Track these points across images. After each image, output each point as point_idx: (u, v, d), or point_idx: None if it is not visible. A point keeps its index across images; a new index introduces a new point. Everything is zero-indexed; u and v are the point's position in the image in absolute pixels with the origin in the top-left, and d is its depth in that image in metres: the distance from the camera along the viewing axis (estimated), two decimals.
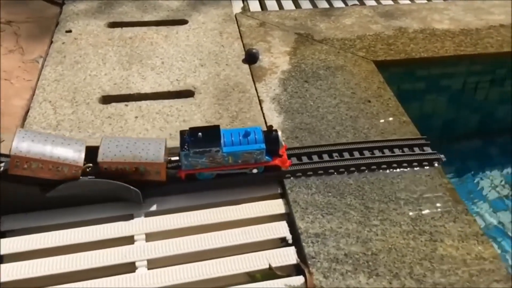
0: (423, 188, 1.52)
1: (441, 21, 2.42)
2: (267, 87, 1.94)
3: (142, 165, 1.39)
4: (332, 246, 1.34)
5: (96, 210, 1.45)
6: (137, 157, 1.39)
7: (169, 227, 1.42)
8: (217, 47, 2.18)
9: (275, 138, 1.48)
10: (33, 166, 1.31)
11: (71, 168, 1.35)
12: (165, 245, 1.36)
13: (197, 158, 1.42)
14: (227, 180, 1.52)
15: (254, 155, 1.46)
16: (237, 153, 1.44)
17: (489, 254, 1.32)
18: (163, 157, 1.40)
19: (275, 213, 1.48)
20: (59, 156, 1.33)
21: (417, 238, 1.36)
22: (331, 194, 1.49)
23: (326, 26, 2.37)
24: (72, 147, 1.37)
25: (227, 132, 1.46)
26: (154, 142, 1.44)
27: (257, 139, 1.45)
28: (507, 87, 2.32)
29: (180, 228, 1.42)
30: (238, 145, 1.44)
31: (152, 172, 1.41)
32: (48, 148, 1.33)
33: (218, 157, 1.43)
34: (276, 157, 1.49)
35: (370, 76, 2.03)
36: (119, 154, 1.38)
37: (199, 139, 1.40)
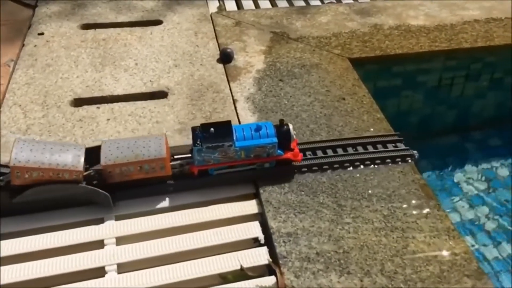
0: (395, 185, 1.52)
1: (416, 17, 2.43)
2: (242, 87, 1.93)
3: (146, 163, 1.40)
4: (304, 245, 1.33)
5: (66, 214, 1.42)
6: (140, 156, 1.39)
7: (140, 230, 1.40)
8: (191, 47, 2.16)
9: (287, 131, 1.48)
10: (34, 175, 1.32)
11: (71, 174, 1.35)
12: (136, 248, 1.34)
13: (210, 153, 1.43)
14: (200, 181, 1.51)
15: (266, 149, 1.47)
16: (249, 148, 1.45)
17: (460, 249, 1.32)
18: (165, 152, 1.40)
19: (248, 213, 1.47)
20: (58, 163, 1.33)
21: (389, 234, 1.36)
22: (304, 192, 1.49)
23: (302, 24, 2.37)
24: (71, 152, 1.36)
25: (238, 127, 1.47)
26: (154, 139, 1.44)
27: (268, 133, 1.46)
28: (482, 82, 2.33)
29: (152, 231, 1.40)
30: (250, 140, 1.45)
31: (157, 168, 1.42)
32: (47, 156, 1.33)
33: (231, 152, 1.44)
34: (287, 151, 1.50)
35: (345, 74, 2.03)
36: (121, 156, 1.38)
37: (212, 134, 1.41)
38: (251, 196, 1.52)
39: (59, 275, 1.28)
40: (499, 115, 2.46)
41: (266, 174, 1.52)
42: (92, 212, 1.43)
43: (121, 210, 1.44)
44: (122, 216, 1.43)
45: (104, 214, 1.43)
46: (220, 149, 1.43)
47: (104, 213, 1.43)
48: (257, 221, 1.44)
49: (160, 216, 1.44)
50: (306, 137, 1.69)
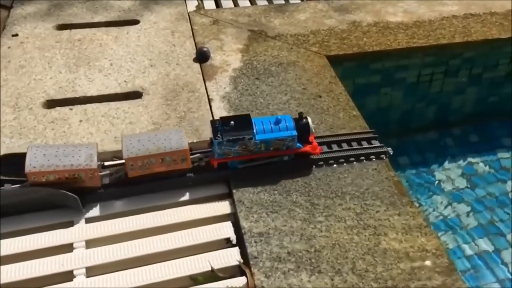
0: (369, 182, 1.51)
1: (394, 13, 2.42)
2: (218, 86, 1.92)
3: (167, 155, 1.41)
4: (275, 244, 1.32)
5: (35, 218, 1.40)
6: (161, 148, 1.40)
7: (111, 232, 1.38)
8: (168, 46, 2.14)
9: (306, 125, 1.49)
10: (51, 178, 1.34)
11: (87, 173, 1.36)
12: (106, 251, 1.33)
13: (230, 146, 1.43)
14: (172, 181, 1.49)
15: (285, 142, 1.47)
16: (269, 141, 1.46)
17: (432, 246, 1.31)
18: (187, 144, 1.42)
19: (221, 213, 1.45)
20: (72, 164, 1.35)
21: (361, 233, 1.35)
22: (277, 192, 1.47)
23: (280, 22, 2.35)
24: (83, 152, 1.38)
25: (257, 120, 1.48)
26: (174, 131, 1.46)
27: (288, 126, 1.47)
28: (461, 77, 2.33)
29: (123, 233, 1.38)
30: (270, 133, 1.46)
31: (178, 160, 1.43)
32: (61, 159, 1.35)
33: (251, 144, 1.45)
34: (306, 144, 1.50)
35: (322, 71, 2.02)
36: (143, 149, 1.39)
37: (232, 127, 1.42)
38: (224, 196, 1.51)
39: (27, 280, 1.26)
40: (479, 111, 2.46)
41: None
42: (61, 216, 1.41)
43: (92, 212, 1.42)
44: (92, 219, 1.42)
45: (74, 217, 1.41)
46: (240, 142, 1.44)
47: (74, 216, 1.41)
48: (230, 221, 1.43)
49: (131, 218, 1.42)
50: None
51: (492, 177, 2.19)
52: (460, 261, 1.88)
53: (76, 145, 1.44)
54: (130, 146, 1.40)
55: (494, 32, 2.24)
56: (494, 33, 2.24)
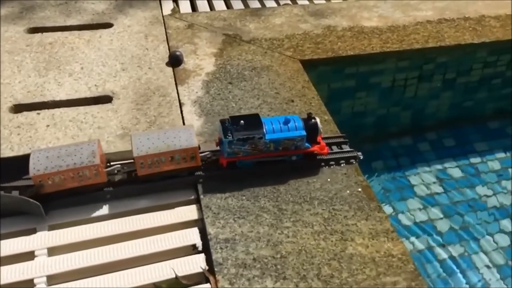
0: (338, 187, 1.50)
1: (370, 18, 2.43)
2: (189, 90, 1.90)
3: (177, 153, 1.41)
4: (241, 251, 1.30)
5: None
6: (171, 146, 1.41)
7: (74, 239, 1.35)
8: (141, 50, 2.12)
9: (314, 125, 1.50)
10: (56, 179, 1.35)
11: (91, 170, 1.37)
12: (68, 259, 1.30)
13: (240, 145, 1.44)
14: (140, 187, 1.47)
15: (294, 142, 1.48)
16: (279, 140, 1.47)
17: (398, 251, 1.31)
18: (196, 141, 1.43)
19: (188, 219, 1.43)
20: (75, 162, 1.36)
21: (328, 238, 1.34)
22: (245, 197, 1.46)
23: (255, 26, 2.35)
24: (85, 150, 1.38)
25: (266, 120, 1.49)
26: (183, 130, 1.47)
27: (297, 126, 1.48)
28: (435, 82, 2.34)
29: (87, 240, 1.36)
30: (279, 132, 1.47)
31: (187, 158, 1.43)
32: (63, 159, 1.36)
33: (260, 144, 1.46)
34: (314, 144, 1.52)
35: (296, 76, 2.01)
36: (153, 146, 1.40)
37: (242, 126, 1.44)
38: (192, 202, 1.49)
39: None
40: (453, 116, 2.47)
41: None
42: (24, 223, 1.38)
43: (55, 219, 1.40)
44: (55, 226, 1.39)
45: (37, 224, 1.38)
46: (250, 141, 1.44)
47: (37, 223, 1.38)
48: (197, 227, 1.41)
49: (97, 225, 1.40)
50: None
51: (466, 182, 2.20)
52: (432, 265, 1.88)
53: (77, 143, 1.44)
54: (140, 144, 1.41)
55: (467, 37, 2.26)
56: (467, 38, 2.25)
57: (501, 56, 2.32)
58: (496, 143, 2.36)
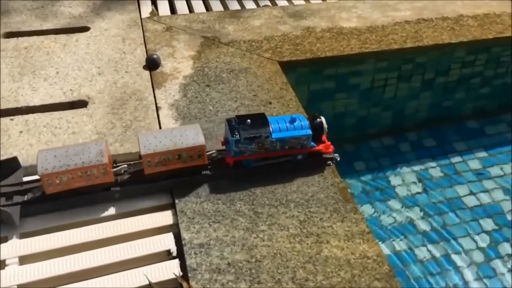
0: (315, 189, 1.49)
1: (348, 19, 2.43)
2: (167, 94, 1.88)
3: (184, 151, 1.42)
4: (215, 256, 1.29)
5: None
6: (178, 144, 1.41)
7: (47, 247, 1.33)
8: (118, 54, 2.10)
9: (319, 124, 1.52)
10: (64, 179, 1.35)
11: (99, 169, 1.37)
12: (40, 267, 1.27)
13: (247, 144, 1.45)
14: (114, 192, 1.46)
15: (300, 141, 1.50)
16: (285, 139, 1.48)
17: (373, 252, 1.30)
18: (203, 139, 1.43)
19: (163, 224, 1.42)
20: (83, 161, 1.36)
21: (304, 241, 1.33)
22: (220, 201, 1.45)
23: (234, 28, 2.34)
24: (93, 149, 1.39)
25: (272, 119, 1.50)
26: (190, 128, 1.48)
27: (302, 125, 1.49)
28: (414, 83, 2.35)
29: (60, 248, 1.34)
30: (286, 131, 1.48)
31: (194, 156, 1.43)
32: (71, 158, 1.36)
33: (267, 143, 1.46)
34: (319, 143, 1.53)
35: (274, 78, 2.01)
36: (160, 145, 1.40)
37: (249, 125, 1.45)
38: (168, 207, 1.47)
39: None
40: (433, 116, 2.48)
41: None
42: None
43: (28, 227, 1.37)
44: (28, 234, 1.36)
45: (8, 233, 1.35)
46: (257, 140, 1.45)
47: (8, 232, 1.36)
48: (171, 232, 1.39)
49: (70, 232, 1.37)
50: None
51: (446, 182, 2.20)
52: (413, 265, 1.88)
53: (85, 143, 1.46)
54: (147, 142, 1.41)
55: (445, 37, 2.27)
56: (445, 38, 2.26)
57: (479, 55, 2.33)
58: (475, 143, 2.37)
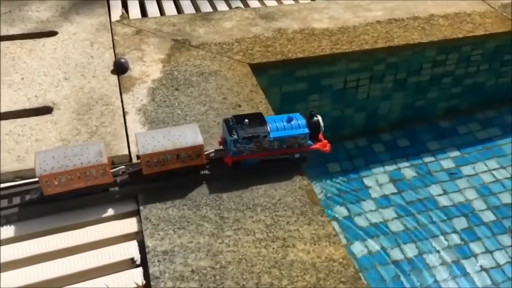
0: (282, 192, 1.47)
1: (320, 20, 2.42)
2: (134, 98, 1.85)
3: (183, 151, 1.41)
4: (179, 263, 1.26)
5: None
6: (177, 144, 1.40)
7: (7, 258, 1.29)
8: (85, 58, 2.06)
9: (316, 123, 1.53)
10: (63, 180, 1.34)
11: (98, 169, 1.36)
12: (3, 278, 1.24)
13: (245, 144, 1.44)
14: (80, 200, 1.42)
15: (298, 140, 1.50)
16: (283, 138, 1.48)
17: (339, 255, 1.29)
18: (202, 139, 1.42)
19: (127, 232, 1.39)
20: (82, 162, 1.34)
21: (270, 245, 1.31)
22: (186, 206, 1.42)
23: (205, 30, 2.31)
24: (92, 150, 1.37)
25: (269, 118, 1.50)
26: (188, 128, 1.47)
27: (300, 124, 1.49)
28: (386, 83, 2.34)
29: (21, 259, 1.30)
30: (283, 130, 1.48)
31: (193, 156, 1.43)
32: (70, 159, 1.35)
33: (265, 142, 1.46)
34: (316, 142, 1.53)
35: (244, 80, 1.99)
36: (159, 145, 1.39)
37: (247, 125, 1.45)
38: (133, 214, 1.44)
39: None
40: (406, 116, 2.48)
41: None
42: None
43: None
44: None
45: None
46: (255, 139, 1.45)
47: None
48: (136, 240, 1.37)
49: (31, 242, 1.34)
50: None
51: (419, 182, 2.20)
52: (386, 266, 1.87)
53: (83, 144, 1.44)
54: (145, 142, 1.39)
55: (416, 37, 2.27)
56: (415, 37, 2.27)
57: (450, 55, 2.34)
58: (447, 142, 2.37)
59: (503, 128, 2.43)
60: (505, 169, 2.24)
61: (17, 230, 1.36)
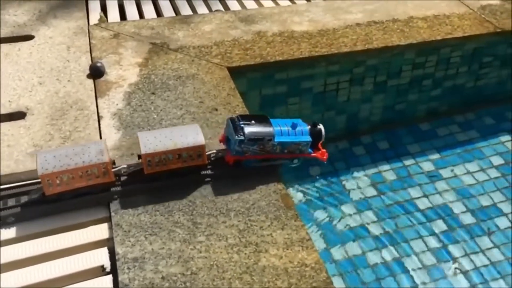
0: (256, 197, 1.46)
1: (300, 23, 2.41)
2: (110, 102, 1.83)
3: (184, 151, 1.41)
4: (150, 270, 1.24)
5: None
6: (179, 144, 1.41)
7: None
8: (61, 62, 2.04)
9: (319, 131, 1.55)
10: (65, 178, 1.34)
11: (100, 168, 1.36)
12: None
13: (249, 145, 1.45)
14: (52, 206, 1.40)
15: (300, 146, 1.52)
16: (286, 143, 1.50)
17: (311, 260, 1.27)
18: (203, 139, 1.43)
19: (99, 239, 1.37)
20: (83, 161, 1.34)
21: (242, 250, 1.30)
22: (159, 212, 1.40)
23: (184, 34, 2.30)
24: (93, 149, 1.37)
25: (274, 122, 1.50)
26: (190, 128, 1.48)
27: (303, 131, 1.51)
28: (366, 86, 2.34)
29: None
30: (287, 136, 1.50)
31: (194, 155, 1.43)
32: (71, 158, 1.35)
33: (269, 145, 1.48)
34: (316, 150, 1.56)
35: (222, 83, 1.97)
36: (161, 144, 1.40)
37: (253, 126, 1.45)
38: (105, 220, 1.42)
39: None
40: (387, 118, 2.48)
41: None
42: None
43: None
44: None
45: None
46: (260, 142, 1.46)
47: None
48: (107, 247, 1.35)
49: (5, 249, 1.31)
50: None
51: (399, 184, 2.20)
52: (365, 269, 1.86)
53: (84, 144, 1.44)
54: (147, 142, 1.39)
55: (395, 39, 2.27)
56: (394, 40, 2.26)
57: (429, 57, 2.34)
58: (427, 145, 2.37)
59: (482, 130, 2.44)
60: (484, 171, 2.24)
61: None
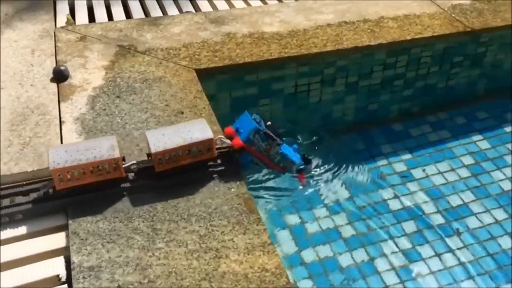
0: (219, 201, 1.43)
1: (271, 24, 2.39)
2: (73, 107, 1.79)
3: (194, 146, 1.43)
4: (106, 279, 1.21)
5: None
6: (187, 139, 1.43)
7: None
8: (25, 66, 1.99)
9: (309, 160, 1.77)
10: (76, 174, 1.35)
11: (111, 163, 1.37)
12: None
13: (261, 140, 1.52)
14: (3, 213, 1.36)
15: (293, 166, 1.64)
16: (286, 157, 1.60)
17: (272, 265, 1.25)
18: (211, 133, 1.46)
19: (55, 248, 1.33)
20: (95, 156, 1.36)
21: (202, 256, 1.27)
22: (118, 219, 1.37)
23: (152, 36, 2.26)
24: (104, 144, 1.39)
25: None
26: (196, 123, 1.51)
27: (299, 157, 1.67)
28: (338, 86, 2.32)
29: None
30: (290, 152, 1.63)
31: (204, 150, 1.45)
32: (83, 153, 1.36)
33: (273, 151, 1.55)
34: (299, 174, 1.72)
35: (189, 86, 1.94)
36: (170, 141, 1.42)
37: (270, 126, 1.55)
38: (62, 228, 1.38)
39: None
40: (360, 119, 2.46)
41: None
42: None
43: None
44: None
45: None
46: (270, 141, 1.53)
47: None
48: (63, 256, 1.31)
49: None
50: (134, 157, 1.57)
51: (371, 186, 2.18)
52: (335, 272, 1.84)
53: (95, 139, 1.47)
54: (156, 140, 1.42)
55: (365, 39, 2.26)
56: (364, 40, 2.25)
57: (400, 57, 2.33)
58: (400, 145, 2.36)
59: (453, 130, 2.43)
60: (455, 172, 2.23)
61: None
